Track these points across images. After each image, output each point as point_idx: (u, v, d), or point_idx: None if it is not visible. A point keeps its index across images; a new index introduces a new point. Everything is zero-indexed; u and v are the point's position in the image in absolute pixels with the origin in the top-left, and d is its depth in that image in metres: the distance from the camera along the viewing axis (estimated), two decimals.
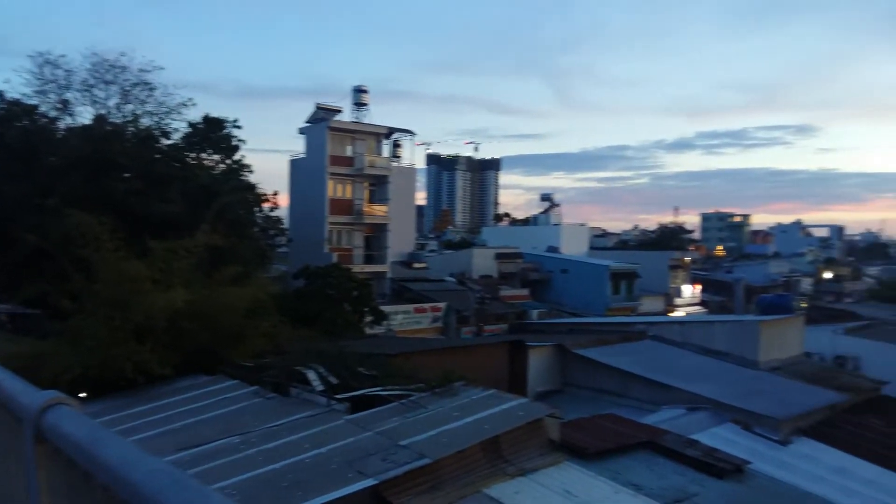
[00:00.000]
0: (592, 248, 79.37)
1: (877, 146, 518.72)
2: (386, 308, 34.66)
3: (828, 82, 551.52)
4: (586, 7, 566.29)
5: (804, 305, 54.43)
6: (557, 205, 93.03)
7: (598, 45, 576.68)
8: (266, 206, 30.94)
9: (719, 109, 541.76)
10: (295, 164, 44.35)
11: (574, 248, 68.46)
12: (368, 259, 43.24)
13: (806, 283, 78.38)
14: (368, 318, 31.17)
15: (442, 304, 41.85)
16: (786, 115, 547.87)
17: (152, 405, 12.83)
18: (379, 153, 44.86)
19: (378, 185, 44.46)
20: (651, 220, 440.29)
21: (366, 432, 10.17)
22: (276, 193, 31.99)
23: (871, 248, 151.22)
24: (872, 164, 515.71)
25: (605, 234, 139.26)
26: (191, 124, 27.40)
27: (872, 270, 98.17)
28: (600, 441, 11.19)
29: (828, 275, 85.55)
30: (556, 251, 63.51)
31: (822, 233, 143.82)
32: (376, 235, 44.28)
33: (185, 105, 26.02)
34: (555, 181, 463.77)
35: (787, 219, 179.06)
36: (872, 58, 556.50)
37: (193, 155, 27.42)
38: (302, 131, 43.87)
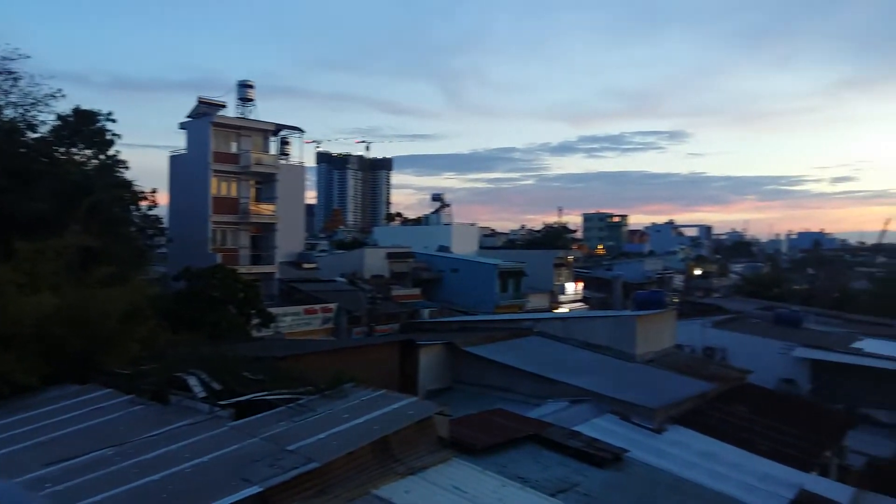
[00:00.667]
0: (482, 247, 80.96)
1: (740, 151, 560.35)
2: (274, 310, 33.80)
3: (696, 91, 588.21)
4: (473, 10, 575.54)
5: (676, 300, 57.85)
6: (448, 205, 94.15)
7: (485, 48, 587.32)
8: (144, 204, 29.41)
9: (599, 115, 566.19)
10: (175, 161, 42.39)
11: (464, 247, 69.56)
12: (255, 260, 42.03)
13: (678, 280, 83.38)
14: (255, 321, 30.27)
15: (333, 305, 41.35)
16: (659, 122, 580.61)
17: (17, 417, 11.90)
18: (266, 150, 43.69)
19: (265, 184, 43.31)
20: (537, 220, 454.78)
21: (251, 438, 9.89)
22: (154, 191, 30.48)
23: (736, 246, 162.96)
24: (736, 168, 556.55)
25: (493, 234, 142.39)
26: (60, 117, 25.56)
27: (737, 267, 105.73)
28: (488, 436, 11.42)
29: (698, 271, 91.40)
30: (447, 250, 64.27)
31: (693, 232, 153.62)
32: (264, 235, 43.11)
33: (53, 96, 24.22)
34: (445, 181, 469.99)
35: (661, 219, 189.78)
36: (734, 70, 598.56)
37: (63, 150, 25.62)
38: (183, 126, 41.98)
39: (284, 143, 50.41)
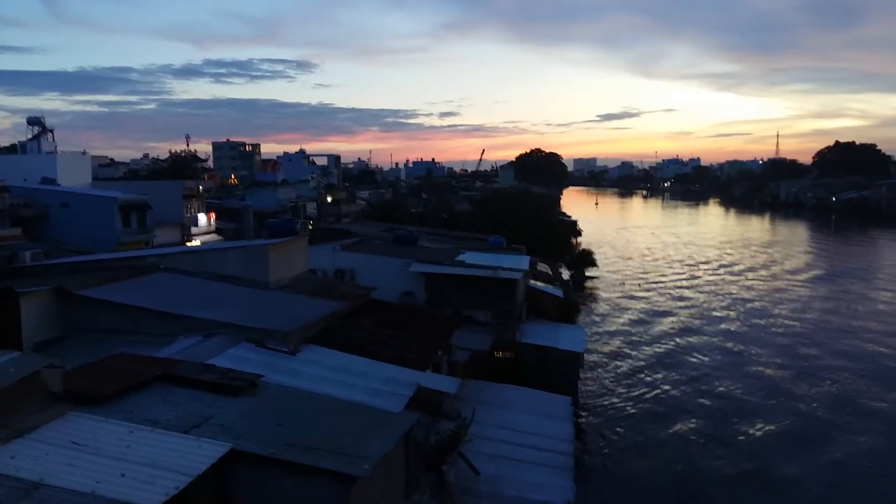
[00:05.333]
0: (97, 178, 72.78)
1: (363, 85, 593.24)
2: None
3: (321, 22, 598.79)
4: None
5: (311, 227, 59.73)
6: (50, 130, 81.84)
7: None
8: None
9: (225, 38, 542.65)
10: None
11: (75, 179, 61.55)
12: None
13: (311, 207, 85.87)
14: None
15: None
16: (287, 51, 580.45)
17: None
18: None
19: None
20: (162, 149, 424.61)
21: None
22: None
23: (362, 174, 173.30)
24: (360, 100, 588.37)
25: (112, 164, 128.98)
26: None
27: (364, 194, 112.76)
28: (110, 383, 10.57)
29: (329, 199, 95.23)
30: (53, 183, 56.25)
31: (323, 161, 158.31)
32: None
33: None
34: (47, 103, 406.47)
35: (292, 148, 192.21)
36: (355, 4, 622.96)
37: None
38: None
39: None
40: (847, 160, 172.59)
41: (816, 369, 35.20)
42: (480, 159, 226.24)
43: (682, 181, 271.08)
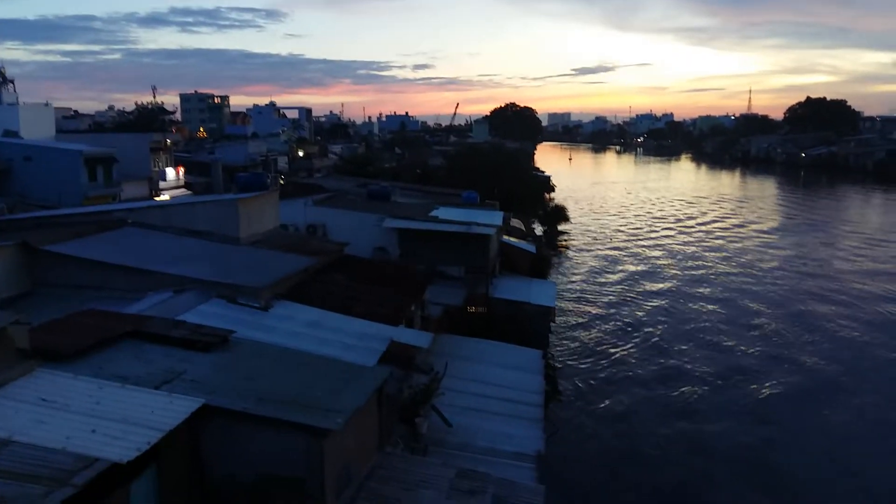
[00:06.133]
0: (61, 131, 70.91)
1: (335, 35, 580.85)
2: None
3: None
4: None
5: (282, 182, 58.99)
6: (11, 81, 79.09)
7: None
8: None
9: None
10: None
11: (38, 131, 59.87)
12: None
13: (282, 161, 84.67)
14: None
15: None
16: None
17: None
18: None
19: None
20: (128, 100, 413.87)
21: None
22: None
23: (334, 128, 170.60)
24: (332, 51, 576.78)
25: (76, 116, 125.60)
26: None
27: (336, 148, 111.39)
28: (78, 339, 10.45)
29: (300, 153, 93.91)
30: (16, 136, 54.69)
31: (294, 114, 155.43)
32: None
33: None
34: (7, 52, 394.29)
35: (262, 100, 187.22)
36: None
37: None
38: None
39: None
40: (818, 116, 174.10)
41: (790, 316, 36.40)
42: (454, 113, 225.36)
43: (656, 136, 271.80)
